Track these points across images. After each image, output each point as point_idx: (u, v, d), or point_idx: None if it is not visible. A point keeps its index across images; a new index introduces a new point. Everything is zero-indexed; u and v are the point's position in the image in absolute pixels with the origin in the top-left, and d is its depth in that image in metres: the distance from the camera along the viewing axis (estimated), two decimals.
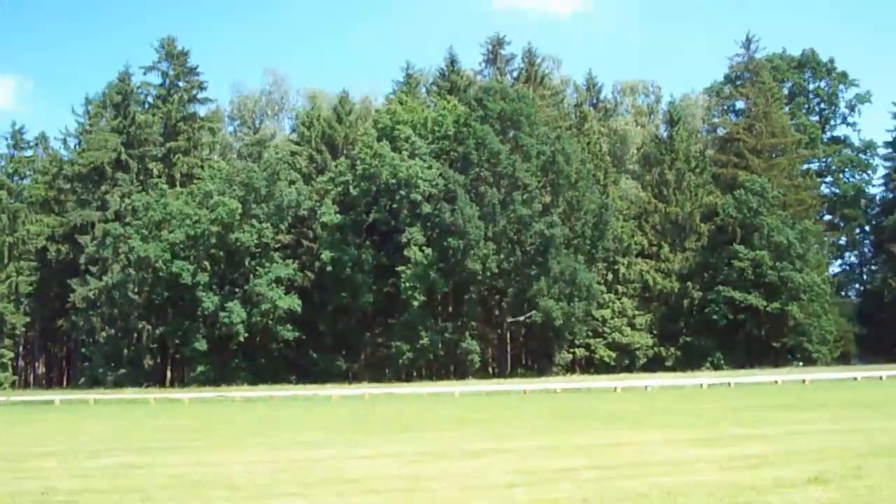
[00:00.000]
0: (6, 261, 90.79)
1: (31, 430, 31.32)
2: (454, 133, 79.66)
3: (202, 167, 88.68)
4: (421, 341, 74.58)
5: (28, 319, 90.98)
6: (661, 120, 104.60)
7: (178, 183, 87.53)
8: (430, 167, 77.23)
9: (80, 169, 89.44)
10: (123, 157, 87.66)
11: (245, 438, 23.31)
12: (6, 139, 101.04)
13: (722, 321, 79.46)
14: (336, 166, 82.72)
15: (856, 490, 11.97)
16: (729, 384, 57.54)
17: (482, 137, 75.57)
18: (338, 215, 78.20)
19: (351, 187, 78.76)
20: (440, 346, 76.47)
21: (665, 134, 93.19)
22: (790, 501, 11.14)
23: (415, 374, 78.70)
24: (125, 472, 15.58)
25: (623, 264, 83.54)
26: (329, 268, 76.90)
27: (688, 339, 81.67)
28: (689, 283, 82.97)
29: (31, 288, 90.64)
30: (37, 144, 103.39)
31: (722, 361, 78.57)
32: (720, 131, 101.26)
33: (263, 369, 77.79)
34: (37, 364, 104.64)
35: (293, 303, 77.03)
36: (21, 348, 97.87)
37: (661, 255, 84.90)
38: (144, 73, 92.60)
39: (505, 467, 14.87)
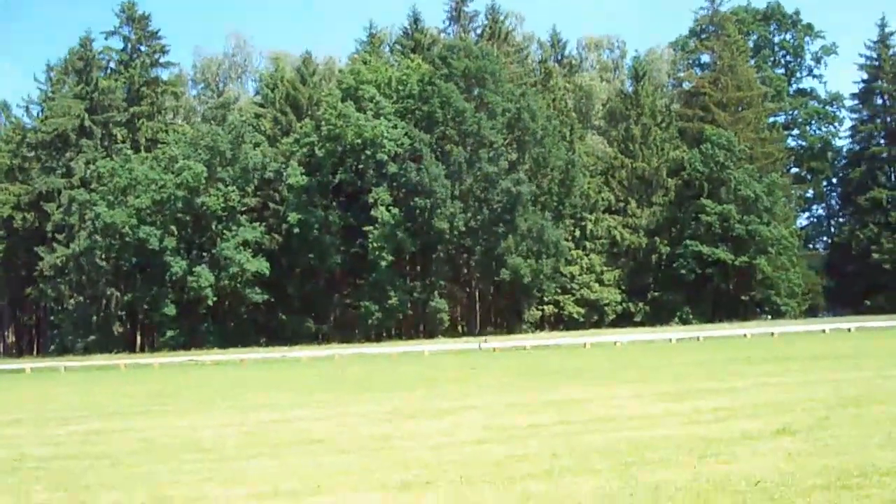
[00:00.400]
0: None
1: (1, 398, 31.20)
2: (419, 92, 79.32)
3: (166, 132, 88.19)
4: (389, 301, 74.68)
5: None
6: (626, 75, 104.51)
7: (142, 148, 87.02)
8: (395, 127, 76.96)
9: (43, 136, 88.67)
10: (87, 123, 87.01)
11: (215, 402, 23.29)
12: None
13: (690, 276, 79.83)
14: (301, 128, 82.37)
15: (823, 440, 12.05)
16: (698, 338, 57.87)
17: (447, 96, 75.44)
18: (304, 177, 77.90)
19: (316, 148, 78.44)
20: (409, 305, 76.77)
21: (630, 89, 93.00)
22: (758, 453, 11.20)
23: (384, 334, 78.66)
24: (95, 438, 15.54)
25: (590, 220, 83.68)
26: (296, 230, 76.72)
27: (656, 294, 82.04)
28: (656, 239, 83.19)
29: None
30: None
31: (690, 316, 79.00)
32: (686, 85, 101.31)
33: (233, 332, 77.78)
34: (6, 333, 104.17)
35: (261, 266, 76.91)
36: None
37: (628, 210, 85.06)
38: (106, 39, 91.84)
39: (475, 425, 14.91)
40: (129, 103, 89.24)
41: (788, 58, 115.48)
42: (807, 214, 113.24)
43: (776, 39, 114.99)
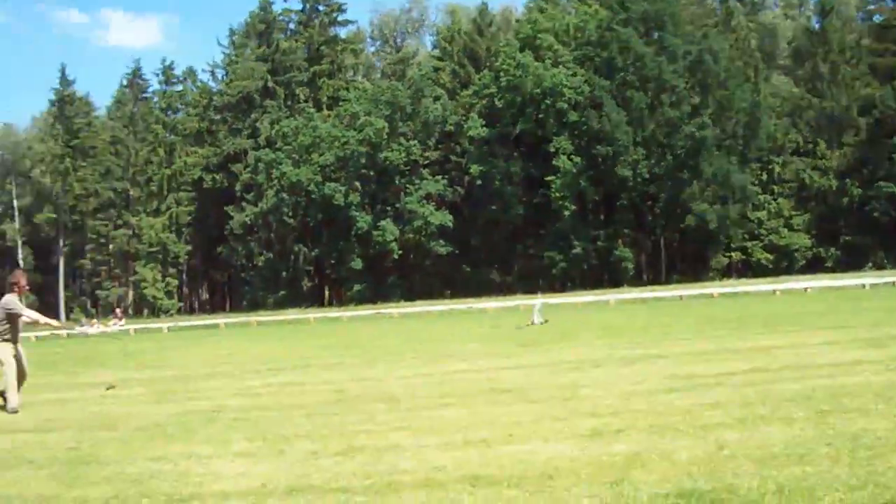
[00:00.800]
0: (165, 193, 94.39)
1: (199, 353, 32.33)
2: (597, 38, 78.54)
3: (347, 89, 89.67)
4: (573, 251, 74.60)
5: (189, 248, 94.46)
6: (812, 11, 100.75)
7: (324, 106, 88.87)
8: (574, 74, 76.46)
9: (229, 99, 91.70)
10: (270, 84, 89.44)
11: (403, 353, 23.63)
12: (157, 76, 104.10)
13: (884, 218, 76.72)
14: (480, 79, 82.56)
15: None
16: (893, 284, 55.70)
17: (626, 41, 74.54)
18: (484, 128, 78.25)
19: (496, 100, 78.61)
20: (593, 254, 76.34)
21: (817, 25, 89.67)
22: None
23: (568, 283, 78.54)
24: (290, 390, 15.96)
25: (777, 163, 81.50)
26: (478, 181, 77.37)
27: (848, 238, 79.22)
28: (847, 181, 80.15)
29: (190, 218, 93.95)
30: (186, 79, 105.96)
31: (885, 261, 75.91)
32: (877, 18, 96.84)
33: (418, 285, 78.90)
34: (200, 290, 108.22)
35: (444, 218, 77.75)
36: (185, 276, 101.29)
37: (817, 152, 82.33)
38: (285, 0, 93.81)
39: (663, 373, 14.73)
40: (309, 63, 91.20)
41: None
42: None
43: None
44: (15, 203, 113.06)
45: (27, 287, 14.78)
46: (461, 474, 7.92)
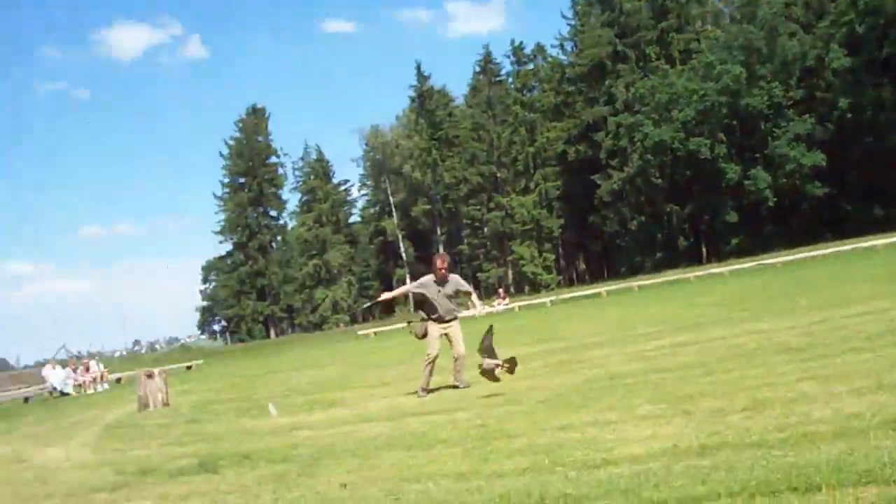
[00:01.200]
0: (532, 170, 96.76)
1: (585, 322, 32.77)
2: None
3: (698, 40, 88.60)
4: None
5: (562, 221, 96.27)
6: None
7: (676, 61, 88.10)
8: None
9: (581, 69, 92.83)
10: (619, 48, 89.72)
11: (792, 302, 22.93)
12: (507, 58, 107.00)
13: None
14: (835, 7, 78.98)
15: None
16: None
17: None
18: (847, 58, 74.86)
19: (856, 26, 75.04)
20: None
21: None
22: None
23: None
24: (682, 350, 15.84)
25: None
26: (848, 115, 74.07)
27: None
28: None
29: (558, 192, 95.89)
30: (536, 56, 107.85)
31: None
32: None
33: (797, 231, 76.39)
34: (577, 262, 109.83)
35: (817, 158, 75.16)
36: (560, 249, 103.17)
37: None
38: None
39: None
40: (656, 20, 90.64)
41: None
42: None
43: None
44: (391, 200, 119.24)
45: (442, 269, 15.40)
46: (880, 420, 7.55)
